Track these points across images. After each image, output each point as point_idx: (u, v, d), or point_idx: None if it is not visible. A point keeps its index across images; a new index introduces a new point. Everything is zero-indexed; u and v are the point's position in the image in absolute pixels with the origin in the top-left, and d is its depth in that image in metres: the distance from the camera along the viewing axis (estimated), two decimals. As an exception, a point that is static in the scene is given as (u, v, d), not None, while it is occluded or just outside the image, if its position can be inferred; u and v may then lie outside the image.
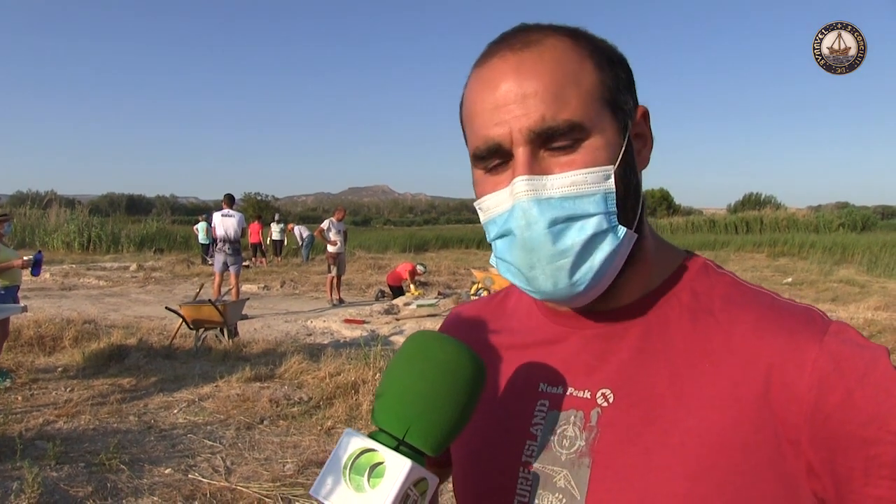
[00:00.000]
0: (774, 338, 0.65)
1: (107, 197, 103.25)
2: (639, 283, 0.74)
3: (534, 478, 0.72)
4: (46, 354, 7.26)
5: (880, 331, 8.79)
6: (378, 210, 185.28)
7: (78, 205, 32.02)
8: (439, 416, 0.65)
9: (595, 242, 0.66)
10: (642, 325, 0.72)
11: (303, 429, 5.11)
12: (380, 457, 0.62)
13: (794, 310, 0.68)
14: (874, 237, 29.26)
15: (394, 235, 35.11)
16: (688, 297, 0.72)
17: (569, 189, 0.65)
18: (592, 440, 0.69)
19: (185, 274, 17.21)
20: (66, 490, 3.87)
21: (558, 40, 0.68)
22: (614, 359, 0.72)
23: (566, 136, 0.65)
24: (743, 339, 0.66)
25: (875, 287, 15.31)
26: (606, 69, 0.69)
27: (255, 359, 7.12)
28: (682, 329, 0.70)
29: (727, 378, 0.65)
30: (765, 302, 0.70)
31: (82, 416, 5.18)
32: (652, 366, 0.69)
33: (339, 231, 12.69)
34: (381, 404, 0.67)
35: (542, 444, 0.73)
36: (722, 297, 0.71)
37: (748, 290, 0.72)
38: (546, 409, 0.74)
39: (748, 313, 0.68)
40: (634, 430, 0.67)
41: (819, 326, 0.65)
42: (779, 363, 0.63)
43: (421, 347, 0.69)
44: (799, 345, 0.63)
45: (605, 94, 0.68)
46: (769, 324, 0.66)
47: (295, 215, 72.97)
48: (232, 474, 4.23)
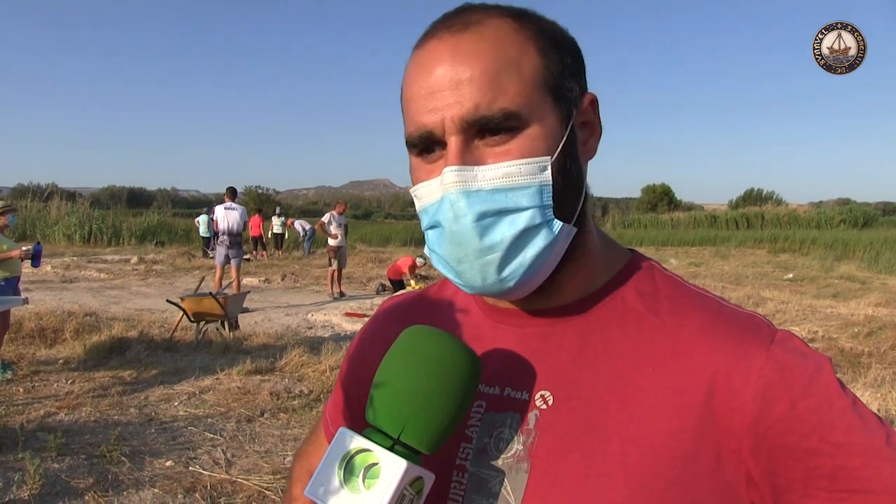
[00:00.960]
0: (720, 345, 0.63)
1: (108, 189, 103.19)
2: (581, 281, 0.71)
3: (469, 481, 0.69)
4: (48, 346, 7.28)
5: (881, 327, 8.79)
6: (379, 204, 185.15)
7: (79, 197, 32.04)
8: (435, 413, 0.63)
9: (527, 237, 0.63)
10: (584, 325, 0.69)
11: (303, 422, 5.12)
12: (375, 457, 0.61)
13: (741, 316, 0.67)
14: (875, 233, 29.24)
15: (395, 229, 35.11)
16: (632, 298, 0.70)
17: (501, 181, 0.62)
18: (530, 444, 0.66)
19: (186, 267, 17.22)
20: (68, 482, 3.89)
21: (501, 21, 0.64)
22: (554, 359, 0.69)
23: (501, 126, 0.62)
24: (688, 344, 0.64)
25: (876, 283, 15.29)
26: (551, 54, 0.65)
27: (256, 352, 7.13)
28: (626, 331, 0.68)
29: (670, 384, 0.63)
30: (711, 307, 0.68)
31: (83, 409, 5.19)
32: (593, 368, 0.67)
33: (340, 224, 12.68)
34: (375, 402, 0.65)
35: (477, 446, 0.70)
36: (668, 299, 0.69)
37: (694, 293, 0.70)
38: (483, 411, 0.71)
39: (694, 318, 0.66)
40: (574, 434, 0.64)
41: (765, 335, 0.64)
42: (724, 371, 0.62)
43: (415, 343, 0.67)
44: (745, 353, 0.62)
45: (548, 81, 0.64)
46: (715, 330, 0.65)
47: (296, 208, 72.94)
48: (232, 467, 4.24)
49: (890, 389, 5.66)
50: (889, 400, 5.35)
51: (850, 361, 7.15)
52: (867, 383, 6.03)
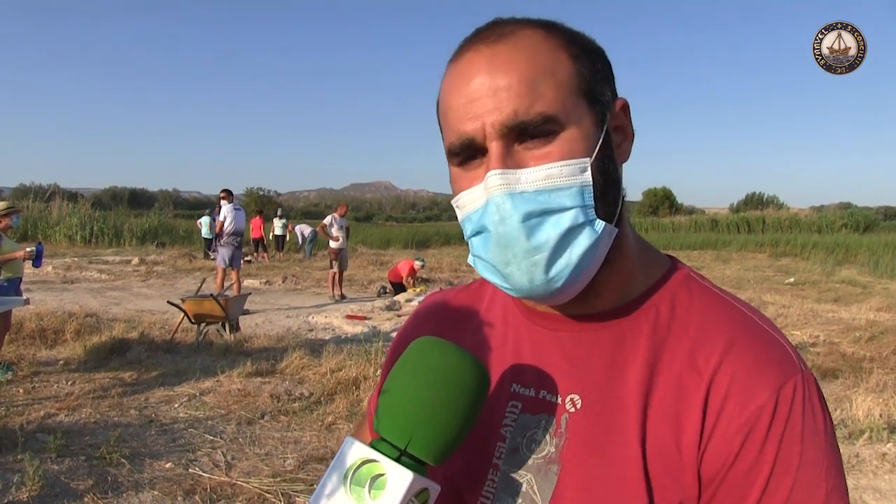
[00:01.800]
0: (739, 368, 0.64)
1: (109, 190, 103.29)
2: (618, 285, 0.72)
3: (500, 480, 0.71)
4: (48, 347, 7.28)
5: (882, 332, 8.77)
6: (380, 206, 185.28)
7: (80, 198, 32.01)
8: (442, 425, 0.63)
9: (572, 236, 0.64)
10: (617, 334, 0.71)
11: (304, 424, 5.12)
12: (381, 468, 0.61)
13: (768, 342, 0.67)
14: (877, 238, 29.22)
15: (396, 232, 35.13)
16: (666, 310, 0.71)
17: (543, 182, 0.63)
18: (561, 447, 0.68)
19: (187, 268, 17.22)
20: (67, 483, 3.88)
21: (533, 31, 0.67)
22: (586, 364, 0.71)
23: (540, 130, 0.64)
24: (708, 361, 0.65)
25: (877, 288, 15.27)
26: (583, 60, 0.68)
27: (257, 354, 7.12)
28: (655, 342, 0.69)
29: (690, 398, 0.65)
30: (742, 325, 0.68)
31: (83, 410, 5.19)
32: (622, 376, 0.68)
33: (342, 227, 12.70)
34: (382, 413, 0.65)
35: (511, 446, 0.72)
36: (700, 314, 0.70)
37: (728, 307, 0.71)
38: (518, 412, 0.73)
39: (721, 334, 0.67)
40: (598, 438, 0.67)
41: (784, 369, 0.64)
42: (735, 392, 0.63)
43: (423, 355, 0.67)
44: (753, 384, 0.63)
45: (582, 86, 0.66)
46: (738, 351, 0.65)
47: (297, 211, 72.94)
48: (232, 469, 4.23)
49: (892, 394, 5.64)
50: (891, 405, 5.33)
51: (852, 366, 7.12)
52: (869, 388, 6.02)
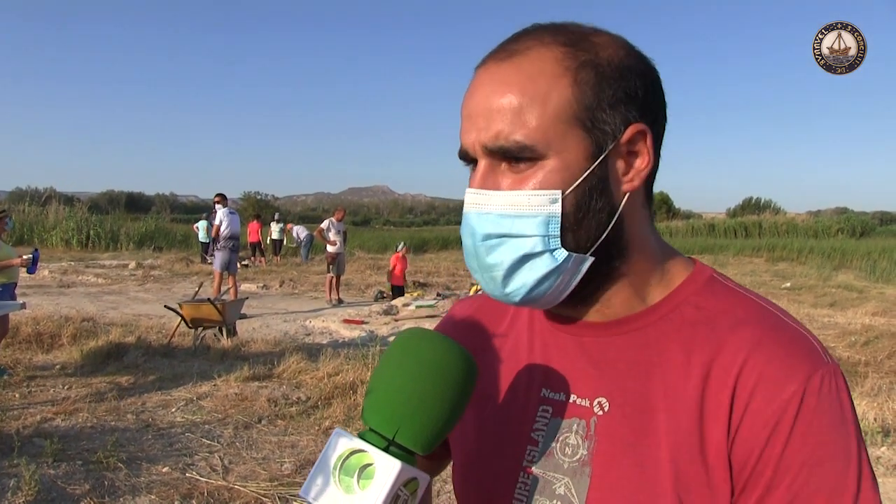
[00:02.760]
0: (766, 363, 0.64)
1: (106, 194, 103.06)
2: (630, 296, 0.73)
3: (532, 482, 0.73)
4: (44, 352, 7.26)
5: (878, 336, 8.79)
6: (378, 210, 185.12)
7: (77, 202, 31.98)
8: (430, 415, 0.65)
9: (527, 261, 0.67)
10: (641, 337, 0.71)
11: (301, 428, 5.12)
12: (369, 458, 0.62)
13: (794, 336, 0.67)
14: (873, 243, 29.28)
15: (393, 236, 35.08)
16: (691, 312, 0.71)
17: (509, 208, 0.66)
18: (593, 449, 0.70)
19: (184, 272, 17.20)
20: (64, 488, 3.88)
21: (545, 51, 0.66)
22: (611, 368, 0.72)
23: (519, 156, 0.66)
24: (735, 357, 0.66)
25: (873, 292, 15.31)
26: (588, 85, 0.66)
27: (254, 358, 7.12)
28: (681, 343, 0.69)
29: (718, 396, 0.65)
30: (768, 322, 0.68)
31: (80, 414, 5.18)
32: (647, 378, 0.69)
33: (339, 231, 12.69)
34: (370, 404, 0.66)
35: (543, 449, 0.73)
36: (725, 313, 0.70)
37: (753, 306, 0.71)
38: (549, 416, 0.74)
39: (747, 331, 0.67)
40: (627, 440, 0.68)
41: (810, 364, 0.65)
42: (762, 386, 0.64)
43: (411, 346, 0.68)
44: (785, 375, 0.64)
45: (578, 114, 0.65)
46: (765, 346, 0.65)
47: (294, 215, 72.80)
48: (229, 473, 4.24)
49: (887, 398, 5.67)
50: (886, 409, 5.35)
51: (848, 370, 7.14)
52: (864, 392, 6.04)
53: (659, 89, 0.71)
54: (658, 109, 0.70)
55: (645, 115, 0.68)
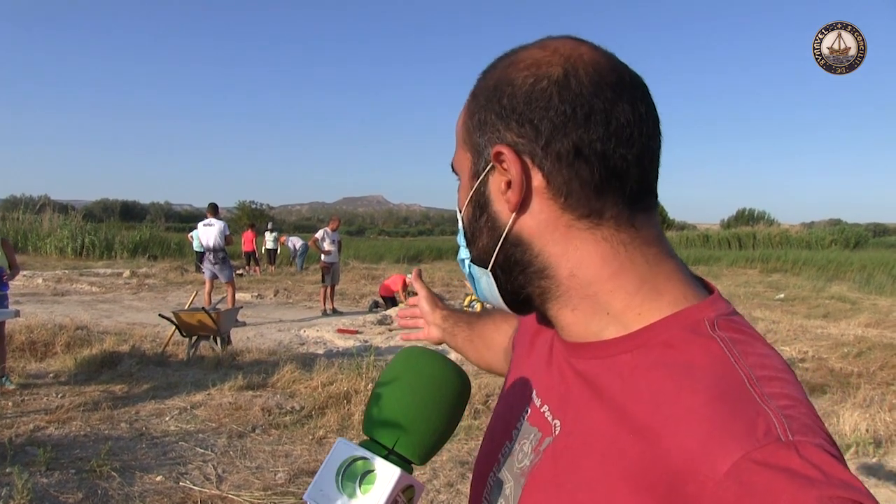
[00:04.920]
0: (698, 436, 0.53)
1: (101, 202, 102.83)
2: (583, 325, 0.68)
3: (499, 476, 0.76)
4: (38, 360, 7.24)
5: (870, 347, 8.85)
6: (372, 220, 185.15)
7: (71, 210, 31.89)
8: (427, 427, 0.70)
9: (462, 263, 0.77)
10: (599, 369, 0.66)
11: (295, 438, 5.12)
12: (371, 465, 0.66)
13: (744, 407, 0.53)
14: (867, 255, 29.45)
15: (388, 246, 35.14)
16: (652, 355, 0.62)
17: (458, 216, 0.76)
18: (534, 464, 0.69)
19: (178, 281, 17.18)
20: (56, 496, 3.87)
21: (481, 78, 0.72)
22: (576, 393, 0.68)
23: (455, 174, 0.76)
24: (670, 422, 0.55)
25: (866, 304, 15.39)
26: (469, 108, 0.71)
27: (248, 367, 7.11)
28: (629, 385, 0.61)
29: (639, 459, 0.56)
30: (722, 387, 0.55)
31: (73, 423, 5.17)
32: (597, 414, 0.63)
33: (334, 241, 12.71)
34: (371, 415, 0.71)
35: (511, 448, 0.76)
36: (682, 365, 0.59)
37: (721, 363, 0.58)
38: (525, 418, 0.76)
39: (692, 395, 0.56)
40: (560, 472, 0.65)
41: (751, 440, 0.50)
42: (685, 469, 0.52)
43: (410, 362, 0.73)
44: (715, 453, 0.51)
45: (465, 137, 0.72)
46: (703, 416, 0.54)
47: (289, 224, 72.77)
48: (223, 482, 4.23)
49: (878, 409, 5.70)
50: (878, 420, 5.39)
51: (840, 381, 7.19)
52: (856, 403, 6.08)
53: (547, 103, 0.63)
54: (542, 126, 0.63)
55: (521, 134, 0.64)
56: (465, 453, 4.83)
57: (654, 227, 0.68)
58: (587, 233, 0.65)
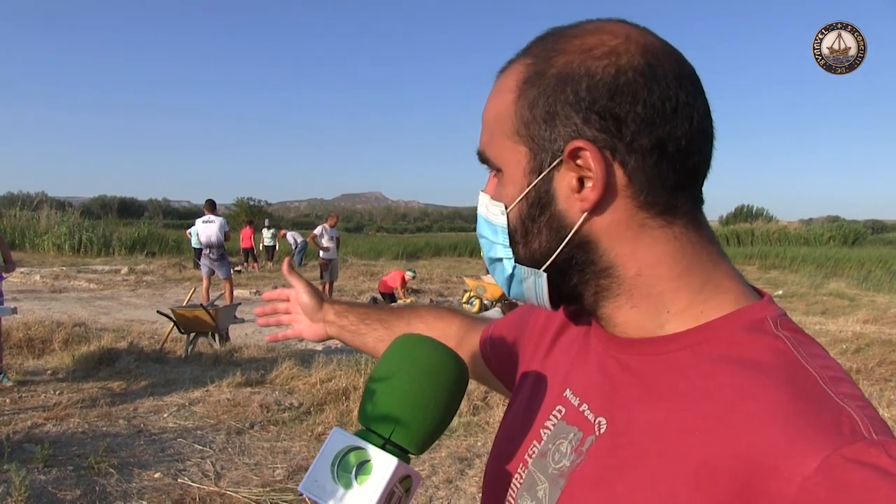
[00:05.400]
0: (778, 433, 0.52)
1: (98, 199, 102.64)
2: (642, 321, 0.66)
3: (527, 477, 0.73)
4: (36, 357, 7.23)
5: (868, 344, 8.86)
6: (371, 217, 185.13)
7: (69, 207, 31.85)
8: (423, 416, 0.68)
9: (494, 265, 0.72)
10: (658, 364, 0.64)
11: (293, 434, 5.11)
12: (367, 455, 0.65)
13: (824, 406, 0.53)
14: (865, 252, 29.49)
15: (386, 242, 35.12)
16: (717, 351, 0.61)
17: (484, 211, 0.71)
18: (576, 465, 0.66)
19: (176, 278, 17.15)
20: (54, 493, 3.86)
21: (517, 65, 0.67)
22: (625, 391, 0.66)
23: (487, 165, 0.72)
24: (744, 419, 0.54)
25: (864, 301, 15.42)
26: (527, 98, 0.64)
27: (247, 364, 7.10)
28: (694, 382, 0.60)
29: (708, 456, 0.55)
30: (797, 385, 0.55)
31: (71, 419, 5.16)
32: (653, 412, 0.61)
33: (332, 237, 12.68)
34: (367, 404, 0.69)
35: (542, 448, 0.73)
36: (751, 363, 0.58)
37: (790, 362, 0.57)
38: (560, 417, 0.73)
39: (767, 392, 0.55)
40: (610, 472, 0.62)
41: (839, 437, 0.50)
42: (770, 463, 0.51)
43: (407, 350, 0.72)
44: (800, 451, 0.50)
45: (519, 130, 0.65)
46: (782, 414, 0.53)
47: (288, 221, 72.77)
48: (221, 479, 4.22)
49: (877, 405, 5.71)
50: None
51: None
52: (855, 399, 6.08)
53: (634, 96, 0.60)
54: (629, 120, 0.60)
55: (602, 128, 0.61)
56: (463, 449, 4.83)
57: (709, 226, 0.68)
58: (659, 231, 0.64)
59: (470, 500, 4.08)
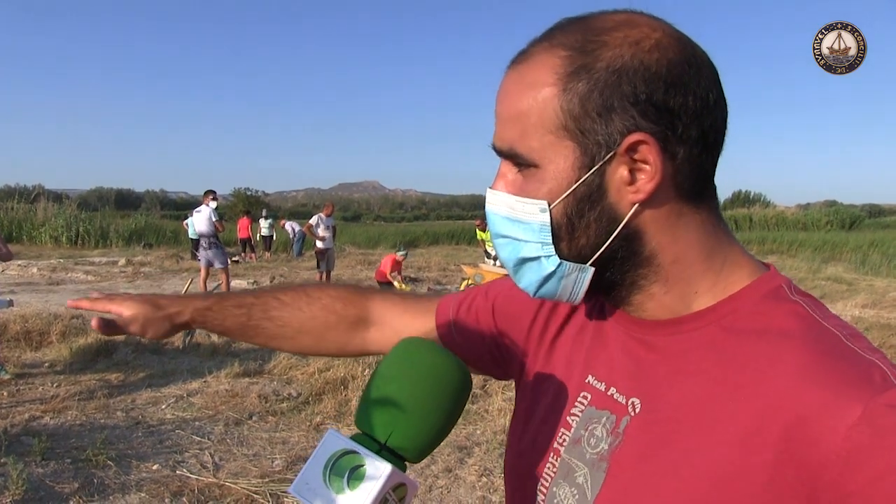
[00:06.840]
0: (815, 390, 0.56)
1: (95, 191, 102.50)
2: (667, 302, 0.69)
3: (561, 466, 0.74)
4: (33, 349, 7.20)
5: (867, 328, 8.87)
6: (368, 206, 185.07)
7: (66, 199, 31.73)
8: (423, 422, 0.66)
9: (527, 265, 0.69)
10: (684, 343, 0.67)
11: (292, 424, 5.10)
12: (361, 459, 0.62)
13: (853, 361, 0.58)
14: (862, 236, 29.54)
15: (384, 231, 35.13)
16: (741, 323, 0.65)
17: (507, 211, 0.68)
18: (615, 447, 0.68)
19: (174, 269, 17.11)
20: (52, 486, 3.85)
21: (546, 57, 0.65)
22: (651, 370, 0.69)
23: (517, 161, 0.67)
24: (779, 381, 0.58)
25: (863, 285, 15.43)
26: (576, 93, 0.62)
27: (244, 354, 7.08)
28: (721, 356, 0.64)
29: (748, 421, 0.59)
30: (823, 344, 0.59)
31: (69, 412, 5.14)
32: (682, 386, 0.65)
33: (328, 227, 12.66)
34: (364, 407, 0.67)
35: (574, 436, 0.74)
36: (777, 332, 0.62)
37: (812, 324, 0.62)
38: (586, 403, 0.75)
39: (797, 354, 0.59)
40: (652, 447, 0.65)
41: (873, 387, 0.54)
42: (812, 417, 0.55)
43: (408, 353, 0.69)
44: (839, 403, 0.54)
45: (567, 124, 0.63)
46: (814, 371, 0.57)
47: (285, 210, 72.78)
48: (220, 470, 4.21)
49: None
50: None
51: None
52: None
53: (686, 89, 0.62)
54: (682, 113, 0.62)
55: (657, 121, 0.61)
56: (462, 438, 4.82)
57: (719, 207, 0.72)
58: (691, 217, 0.67)
59: (469, 488, 4.08)
